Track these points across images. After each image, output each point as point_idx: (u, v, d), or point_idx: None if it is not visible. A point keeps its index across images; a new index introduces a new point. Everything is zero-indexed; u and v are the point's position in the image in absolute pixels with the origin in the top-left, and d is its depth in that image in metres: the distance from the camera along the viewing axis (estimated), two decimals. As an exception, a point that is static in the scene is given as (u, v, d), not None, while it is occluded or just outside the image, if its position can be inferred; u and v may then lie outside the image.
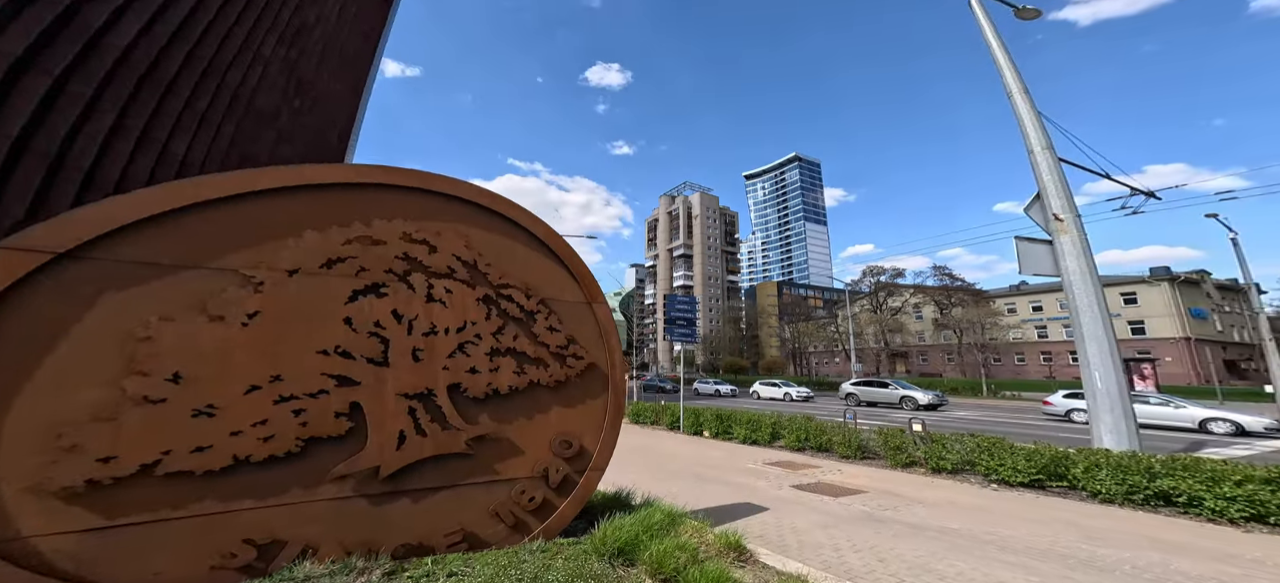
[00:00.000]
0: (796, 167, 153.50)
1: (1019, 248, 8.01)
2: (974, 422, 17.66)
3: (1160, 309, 38.38)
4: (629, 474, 7.89)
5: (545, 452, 3.42)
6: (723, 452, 10.35)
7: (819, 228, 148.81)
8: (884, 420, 8.93)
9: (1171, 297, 37.77)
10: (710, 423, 12.00)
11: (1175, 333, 36.95)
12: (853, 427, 9.39)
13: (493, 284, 3.39)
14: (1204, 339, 36.66)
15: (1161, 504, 5.04)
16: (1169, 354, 36.79)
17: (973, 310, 47.25)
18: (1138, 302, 40.09)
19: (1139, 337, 39.39)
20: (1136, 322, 39.89)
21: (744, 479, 7.81)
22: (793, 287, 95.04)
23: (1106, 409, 6.14)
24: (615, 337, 4.00)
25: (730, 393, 34.69)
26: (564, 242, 3.82)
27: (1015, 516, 5.30)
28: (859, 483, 7.18)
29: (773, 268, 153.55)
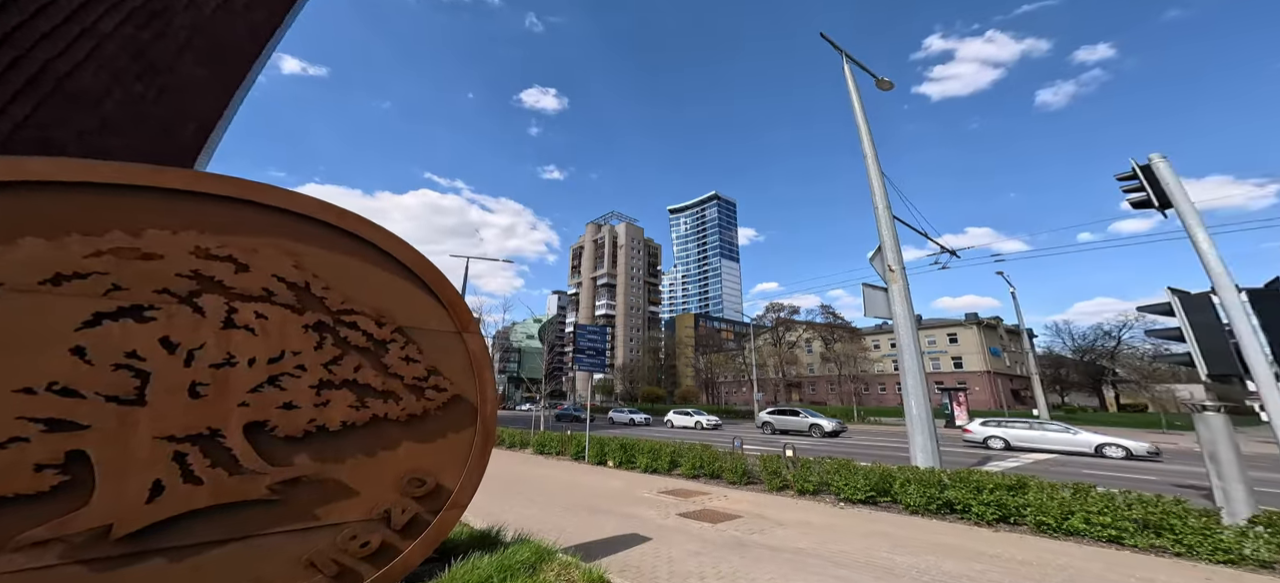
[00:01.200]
0: (716, 205, 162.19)
1: (865, 293, 9.28)
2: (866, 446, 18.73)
3: (972, 347, 47.26)
4: (517, 509, 7.31)
5: (390, 491, 2.99)
6: (623, 481, 10.11)
7: (732, 264, 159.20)
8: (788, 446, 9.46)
9: (979, 338, 46.77)
10: (614, 453, 11.73)
11: (981, 367, 45.63)
12: (739, 454, 9.80)
13: (331, 310, 2.95)
14: (999, 372, 45.70)
15: (948, 512, 5.93)
16: (977, 385, 45.18)
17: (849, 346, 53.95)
18: (958, 341, 48.92)
19: (958, 370, 47.85)
20: (957, 357, 48.53)
21: (636, 509, 7.64)
22: (708, 320, 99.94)
23: (918, 431, 7.19)
24: (488, 369, 3.71)
25: (644, 422, 34.55)
26: (432, 266, 3.51)
27: (850, 531, 5.83)
28: (739, 508, 7.41)
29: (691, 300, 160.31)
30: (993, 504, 5.48)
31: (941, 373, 49.88)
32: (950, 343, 49.60)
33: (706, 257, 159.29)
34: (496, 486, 9.04)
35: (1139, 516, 4.69)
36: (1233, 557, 4.27)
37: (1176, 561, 4.51)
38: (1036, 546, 4.96)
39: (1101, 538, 4.91)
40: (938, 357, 50.64)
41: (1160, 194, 6.69)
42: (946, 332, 50.12)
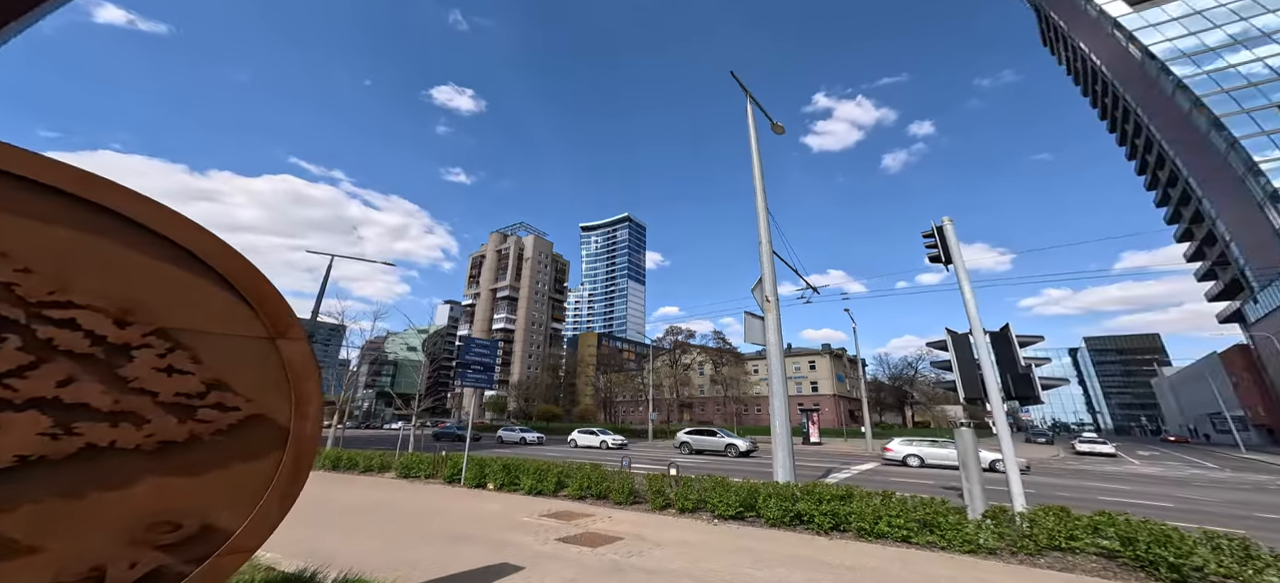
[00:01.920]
0: (627, 226, 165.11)
1: (746, 321, 10.15)
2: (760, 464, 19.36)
3: (825, 374, 55.93)
4: (359, 542, 6.15)
5: (108, 542, 2.15)
6: (502, 505, 9.18)
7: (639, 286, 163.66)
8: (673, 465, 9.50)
9: (830, 365, 55.62)
10: (496, 474, 10.66)
11: (830, 391, 54.19)
12: (627, 473, 9.67)
13: (26, 301, 1.99)
14: (841, 396, 54.75)
15: (799, 523, 6.58)
16: (826, 406, 53.44)
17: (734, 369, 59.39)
18: (816, 368, 57.46)
19: (814, 393, 56.07)
20: (814, 382, 56.91)
21: (511, 536, 6.92)
22: (611, 339, 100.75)
23: (780, 448, 7.99)
24: (311, 380, 2.90)
25: (537, 441, 32.73)
26: (232, 253, 2.66)
27: (720, 548, 6.04)
28: (622, 529, 7.20)
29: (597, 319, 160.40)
30: (829, 514, 6.24)
31: (802, 396, 57.83)
32: (810, 369, 58.02)
33: (614, 277, 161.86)
34: (334, 516, 7.58)
35: (920, 516, 5.76)
36: (973, 546, 5.36)
37: (942, 554, 5.48)
38: (857, 550, 5.67)
39: (897, 538, 5.78)
40: (800, 381, 58.70)
41: (946, 251, 8.52)
42: (808, 359, 58.58)
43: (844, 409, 54.41)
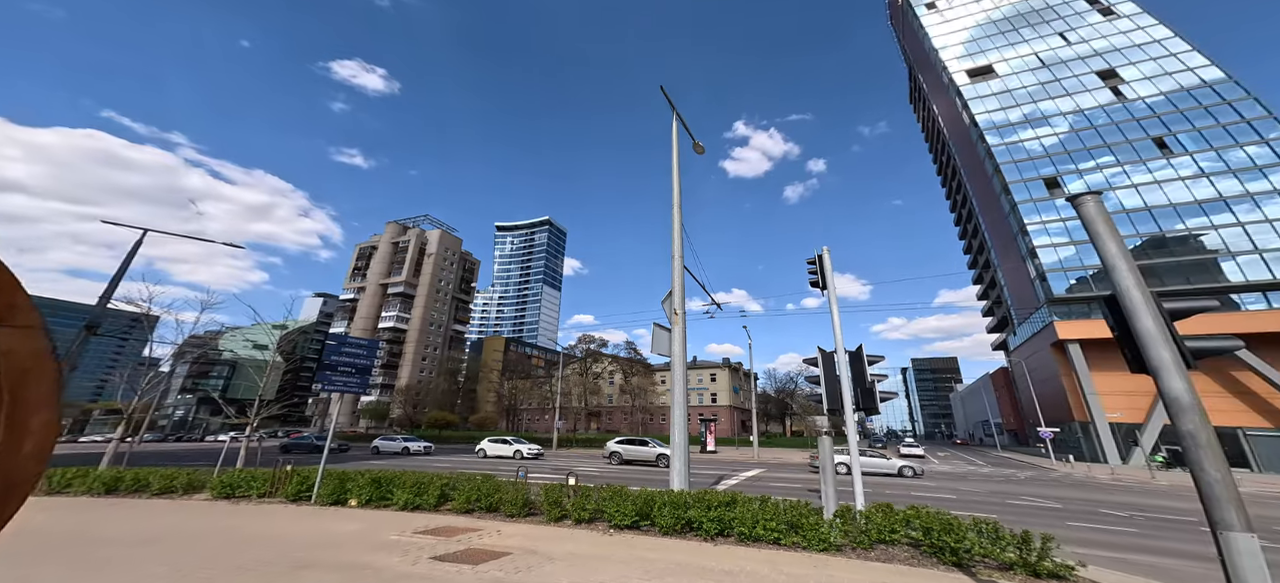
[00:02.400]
0: (547, 230, 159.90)
1: (654, 332, 10.43)
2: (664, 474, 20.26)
3: (723, 386, 60.64)
4: (121, 578, 4.67)
5: None
6: (364, 523, 7.89)
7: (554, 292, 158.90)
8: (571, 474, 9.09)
9: (728, 378, 60.50)
10: (361, 489, 9.15)
11: (727, 402, 58.89)
12: (522, 484, 9.09)
13: None
14: (736, 407, 59.88)
15: (688, 530, 6.87)
16: (723, 417, 57.93)
17: (643, 380, 60.89)
18: (716, 380, 61.96)
19: (713, 404, 60.37)
20: (714, 393, 61.32)
21: (372, 557, 5.97)
22: (521, 345, 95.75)
23: (677, 458, 8.32)
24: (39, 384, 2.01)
25: (423, 450, 29.17)
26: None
27: (612, 559, 5.97)
28: (511, 543, 6.70)
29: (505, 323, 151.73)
30: (716, 520, 6.62)
31: (703, 406, 61.70)
32: (711, 382, 62.39)
33: (529, 281, 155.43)
34: (92, 552, 5.84)
35: (789, 519, 6.42)
36: (825, 544, 6.05)
37: (803, 553, 6.01)
38: (737, 554, 6.04)
39: (770, 540, 6.29)
40: (702, 392, 62.67)
41: (823, 278, 9.84)
42: (710, 372, 62.97)
43: (737, 419, 59.51)
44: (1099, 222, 3.60)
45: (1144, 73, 44.97)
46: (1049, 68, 50.41)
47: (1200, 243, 34.64)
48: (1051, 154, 43.62)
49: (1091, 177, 41.12)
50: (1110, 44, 49.16)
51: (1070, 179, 41.74)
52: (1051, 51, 51.78)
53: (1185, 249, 35.10)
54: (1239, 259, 32.88)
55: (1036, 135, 45.42)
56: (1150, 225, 36.77)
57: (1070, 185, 41.57)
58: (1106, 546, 8.09)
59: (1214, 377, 32.06)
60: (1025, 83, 49.73)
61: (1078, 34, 51.89)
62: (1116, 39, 49.33)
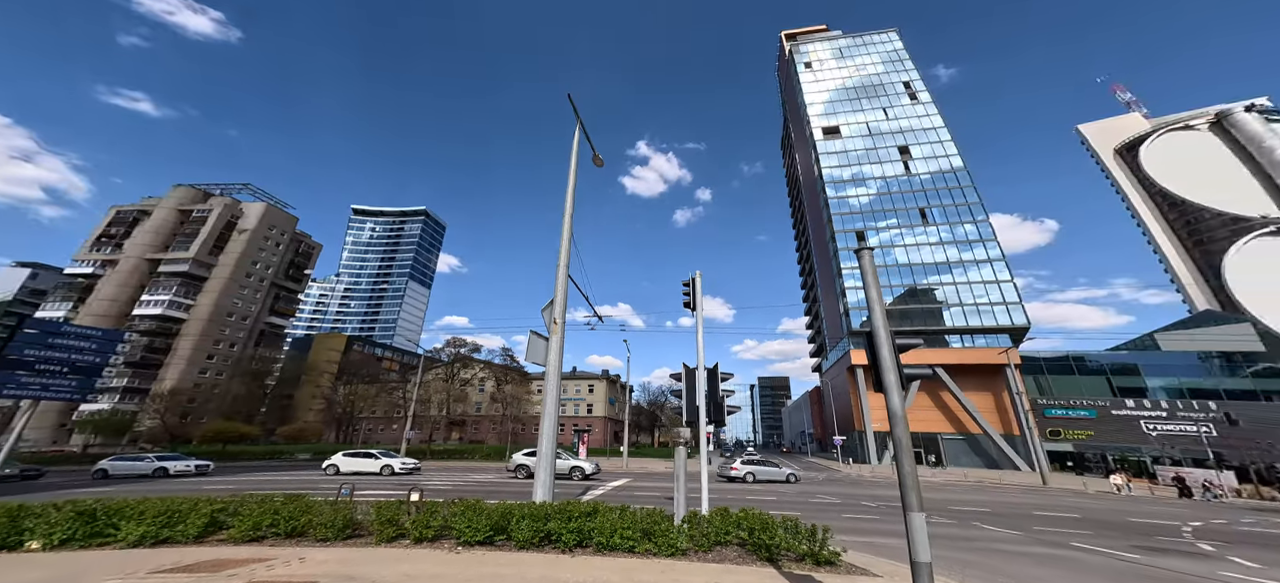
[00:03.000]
0: (422, 221, 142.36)
1: (530, 340, 10.08)
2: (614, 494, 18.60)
3: (600, 397, 61.59)
4: None
5: None
6: (49, 572, 5.60)
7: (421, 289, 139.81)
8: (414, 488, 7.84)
9: (606, 390, 61.72)
10: (56, 526, 6.46)
11: (602, 413, 59.95)
12: (345, 502, 7.64)
13: None
14: (610, 417, 61.41)
15: (547, 543, 6.76)
16: (597, 427, 58.78)
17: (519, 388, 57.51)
18: (594, 391, 62.56)
19: (590, 414, 60.77)
20: (590, 404, 61.76)
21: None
22: (370, 345, 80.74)
23: (542, 469, 8.14)
24: None
25: (193, 471, 22.02)
26: None
27: (455, 579, 5.46)
28: (317, 572, 5.58)
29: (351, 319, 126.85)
30: (575, 531, 6.66)
31: (578, 416, 61.44)
32: (589, 392, 62.72)
33: (391, 274, 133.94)
34: None
35: (644, 527, 6.81)
36: (674, 549, 6.49)
37: (654, 559, 6.29)
38: (593, 565, 6.08)
39: (626, 549, 6.48)
40: (579, 403, 62.45)
41: (695, 300, 11.14)
42: (588, 383, 63.30)
43: (610, 430, 60.96)
44: (868, 272, 4.96)
45: (923, 153, 57.41)
46: (873, 137, 60.89)
47: (934, 295, 50.09)
48: (863, 212, 56.33)
49: (884, 234, 54.42)
50: (909, 125, 60.48)
51: (871, 234, 54.73)
52: (877, 123, 62.08)
53: (928, 298, 50.13)
54: (953, 309, 48.59)
55: (856, 194, 57.65)
56: (910, 278, 51.15)
57: (871, 240, 54.85)
58: (861, 532, 10.57)
59: (927, 395, 46.44)
60: (857, 147, 61.36)
61: (894, 112, 62.37)
62: (913, 121, 60.63)
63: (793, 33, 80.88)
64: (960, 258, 50.10)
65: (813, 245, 71.70)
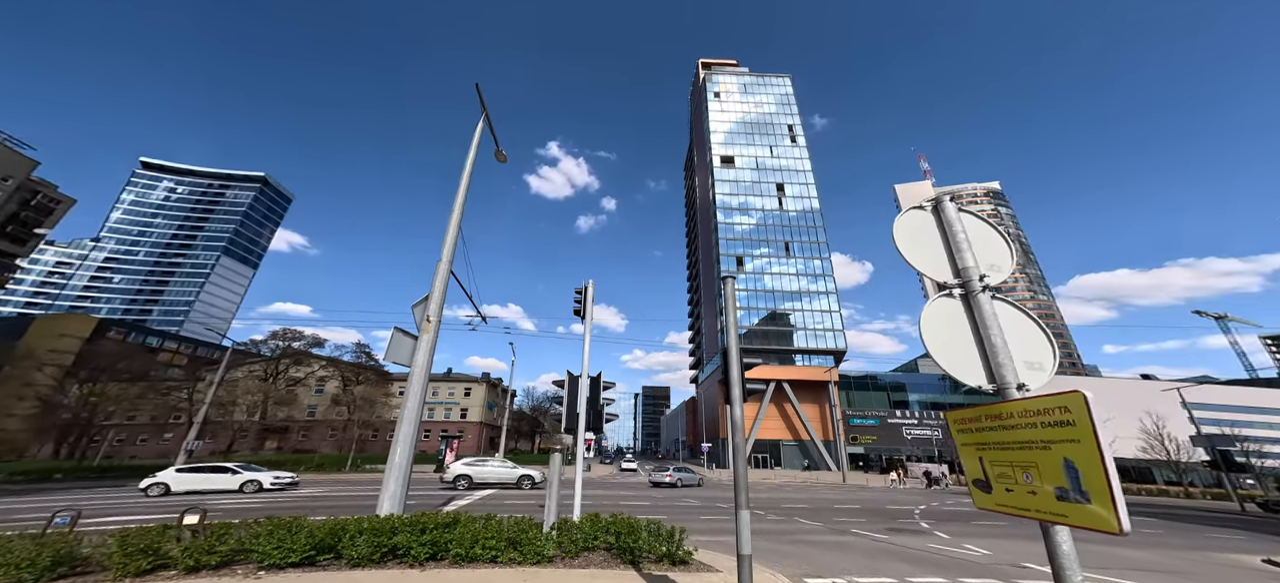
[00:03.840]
0: (256, 189, 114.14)
1: (394, 337, 8.86)
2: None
3: (478, 402, 56.75)
4: None
5: None
6: None
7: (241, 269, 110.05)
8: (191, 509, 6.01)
9: (485, 394, 57.14)
10: None
11: (478, 418, 55.29)
12: (61, 533, 5.60)
13: None
14: (487, 423, 57.08)
15: (392, 558, 6.02)
16: (470, 433, 53.99)
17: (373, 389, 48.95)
18: (471, 394, 57.30)
19: (463, 420, 55.42)
20: (465, 409, 56.39)
21: None
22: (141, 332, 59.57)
23: (394, 479, 7.21)
24: None
25: None
26: None
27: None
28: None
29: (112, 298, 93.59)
30: (429, 543, 6.07)
31: (449, 422, 55.49)
32: (465, 396, 57.21)
33: (193, 246, 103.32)
34: None
35: (510, 536, 6.50)
36: (540, 557, 6.37)
37: (519, 568, 6.07)
38: (448, 577, 5.64)
39: (488, 560, 6.16)
40: (452, 408, 56.46)
41: (585, 308, 11.20)
42: (465, 386, 57.74)
43: (486, 436, 56.49)
44: (729, 299, 5.81)
45: (794, 192, 65.80)
46: (760, 171, 67.88)
47: (788, 319, 60.01)
48: (744, 239, 63.88)
49: (758, 261, 62.65)
50: (787, 164, 68.46)
51: (749, 260, 62.60)
52: (764, 159, 69.19)
53: (784, 322, 59.78)
54: (799, 332, 58.92)
55: (741, 222, 64.81)
56: (773, 303, 60.33)
57: (748, 265, 62.88)
58: (715, 532, 11.72)
59: (775, 407, 55.34)
60: (747, 178, 68.63)
61: (778, 150, 70.10)
62: (790, 162, 68.68)
63: (709, 62, 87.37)
64: (809, 288, 60.89)
65: (701, 265, 78.66)
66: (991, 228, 2.94)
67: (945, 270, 2.88)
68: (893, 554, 9.05)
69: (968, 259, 2.79)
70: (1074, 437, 1.82)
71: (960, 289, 2.76)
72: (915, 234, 3.08)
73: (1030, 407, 2.06)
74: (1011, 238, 2.93)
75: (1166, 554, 10.73)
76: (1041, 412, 1.99)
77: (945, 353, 2.65)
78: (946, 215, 2.97)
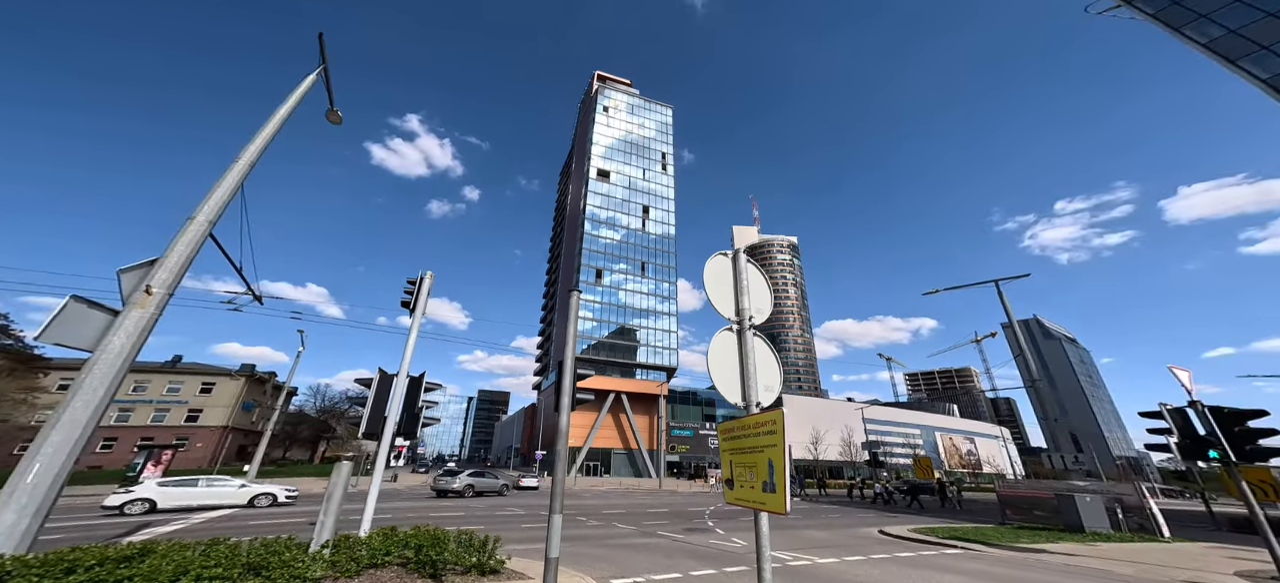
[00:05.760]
0: None
1: (67, 308, 5.89)
2: None
3: (226, 400, 42.09)
4: None
5: None
6: None
7: None
8: None
9: (240, 390, 42.81)
10: None
11: (221, 421, 40.96)
12: None
13: None
14: (239, 427, 42.87)
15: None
16: (204, 440, 39.58)
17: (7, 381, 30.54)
18: (212, 391, 42.11)
19: (193, 424, 40.23)
20: (198, 409, 41.03)
21: None
22: None
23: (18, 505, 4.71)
24: None
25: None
26: None
27: None
28: None
29: None
30: None
31: (166, 426, 39.60)
32: (201, 393, 41.75)
33: None
34: None
35: (253, 560, 5.13)
36: (303, 579, 5.25)
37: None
38: None
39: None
40: (170, 407, 40.48)
41: (417, 301, 9.59)
42: (204, 380, 42.21)
43: (235, 443, 42.29)
44: (572, 311, 6.02)
45: (657, 217, 71.65)
46: (631, 190, 72.36)
47: (636, 335, 64.89)
48: (606, 252, 66.98)
49: (617, 276, 66.21)
50: (655, 189, 74.22)
51: (608, 274, 65.65)
52: (636, 180, 73.89)
53: (631, 337, 64.29)
54: (643, 348, 64.31)
55: (607, 235, 68.08)
56: (624, 318, 64.48)
57: (606, 278, 65.62)
58: (536, 539, 11.69)
59: (611, 416, 59.01)
60: (619, 195, 72.49)
61: (649, 174, 75.62)
62: (659, 187, 74.72)
63: (605, 76, 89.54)
64: (657, 308, 67.37)
65: (562, 272, 78.48)
66: (764, 279, 3.94)
67: (731, 309, 3.70)
68: (685, 552, 10.63)
69: (744, 302, 3.65)
70: (774, 443, 2.58)
71: (737, 324, 3.59)
72: (718, 276, 3.85)
73: (759, 420, 2.83)
74: (772, 287, 3.96)
75: (835, 533, 14.25)
76: (761, 423, 2.76)
77: (720, 374, 3.39)
78: (739, 264, 3.83)
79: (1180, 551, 12.20)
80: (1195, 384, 10.60)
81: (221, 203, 7.39)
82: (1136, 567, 9.82)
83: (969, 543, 12.01)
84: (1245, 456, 9.01)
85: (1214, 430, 9.22)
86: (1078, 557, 10.73)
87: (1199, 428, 9.59)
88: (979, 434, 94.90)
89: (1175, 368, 10.43)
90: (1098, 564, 9.99)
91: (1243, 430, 9.12)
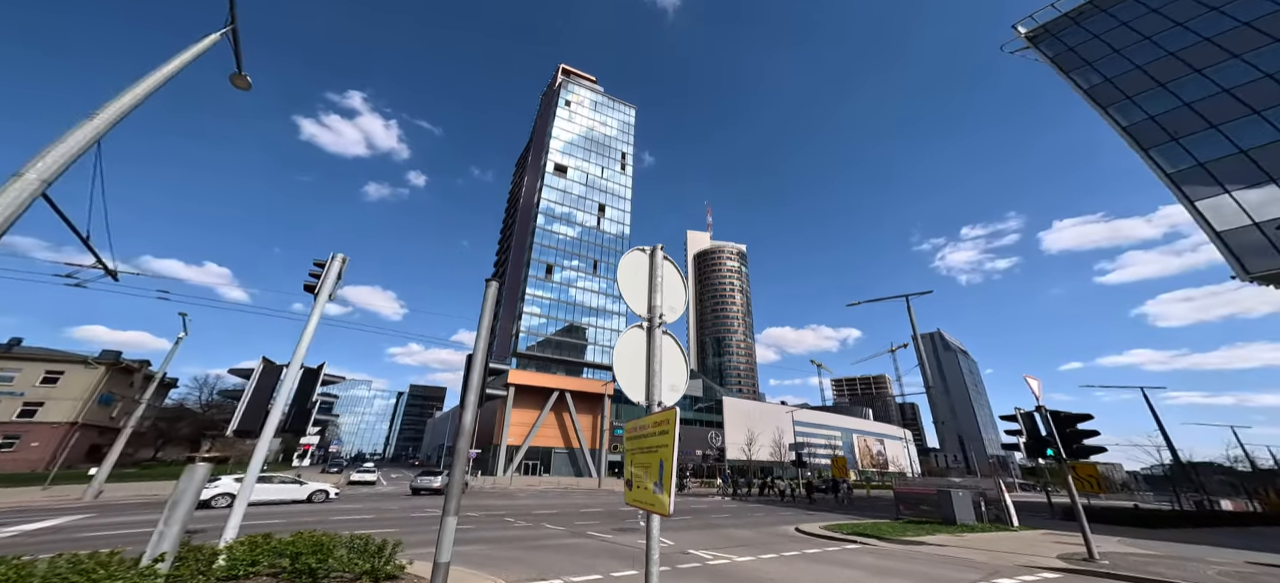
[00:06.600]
0: None
1: None
2: None
3: (77, 392, 35.30)
4: None
5: None
6: None
7: None
8: None
9: (96, 381, 36.11)
10: None
11: (68, 417, 34.28)
12: None
13: None
14: (93, 425, 36.21)
15: None
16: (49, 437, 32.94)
17: None
18: (60, 381, 35.14)
19: (29, 421, 33.33)
20: (38, 403, 34.05)
21: None
22: None
23: None
24: None
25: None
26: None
27: None
28: None
29: None
30: None
31: None
32: (45, 383, 34.71)
33: None
34: None
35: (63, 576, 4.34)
36: None
37: None
38: None
39: None
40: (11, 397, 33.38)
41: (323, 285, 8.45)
42: (48, 367, 35.13)
43: (84, 441, 35.62)
44: (490, 304, 5.61)
45: (613, 216, 71.66)
46: (588, 188, 71.87)
47: (585, 333, 63.99)
48: (558, 248, 65.52)
49: (568, 273, 64.87)
50: (612, 188, 74.03)
51: (558, 270, 64.12)
52: (595, 177, 73.64)
53: (580, 336, 63.29)
54: (592, 347, 63.62)
55: (561, 231, 66.82)
56: (574, 316, 63.39)
57: (557, 274, 64.10)
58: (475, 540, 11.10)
59: (554, 415, 57.77)
60: (576, 191, 71.39)
61: (608, 173, 75.42)
62: (616, 187, 74.46)
63: (570, 70, 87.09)
64: (607, 307, 67.24)
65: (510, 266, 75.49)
66: (680, 277, 3.88)
67: (643, 305, 3.58)
68: (610, 553, 10.49)
69: (657, 300, 3.54)
70: (667, 443, 2.49)
71: (647, 321, 3.48)
72: (632, 271, 3.71)
73: (657, 420, 2.73)
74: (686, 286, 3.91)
75: (758, 532, 14.61)
76: (658, 423, 2.66)
77: (625, 372, 3.25)
78: (656, 260, 3.72)
79: (1023, 538, 14.25)
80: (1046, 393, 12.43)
81: (62, 161, 6.04)
82: (989, 555, 11.30)
83: (866, 538, 13.15)
84: (1073, 453, 10.82)
85: (1052, 431, 10.92)
86: (947, 547, 12.15)
87: (1042, 429, 11.29)
88: (888, 436, 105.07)
89: (1029, 377, 12.17)
90: (962, 553, 11.37)
91: (1072, 431, 10.92)
